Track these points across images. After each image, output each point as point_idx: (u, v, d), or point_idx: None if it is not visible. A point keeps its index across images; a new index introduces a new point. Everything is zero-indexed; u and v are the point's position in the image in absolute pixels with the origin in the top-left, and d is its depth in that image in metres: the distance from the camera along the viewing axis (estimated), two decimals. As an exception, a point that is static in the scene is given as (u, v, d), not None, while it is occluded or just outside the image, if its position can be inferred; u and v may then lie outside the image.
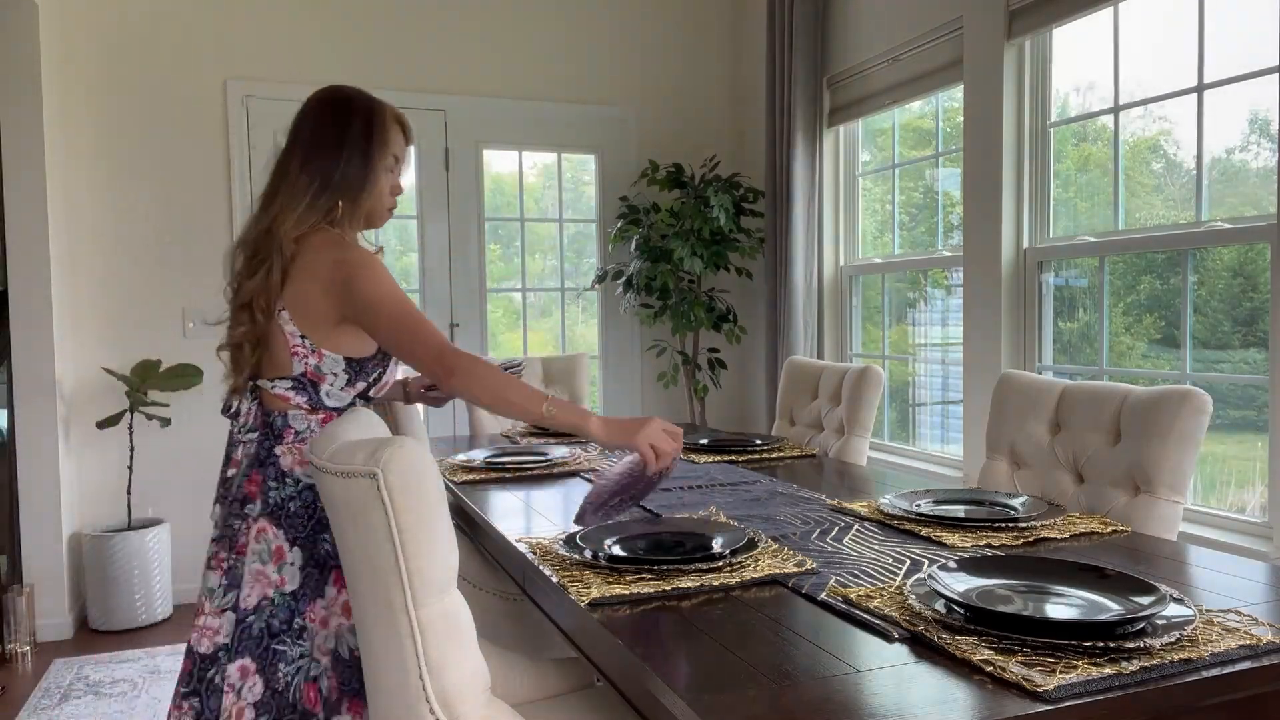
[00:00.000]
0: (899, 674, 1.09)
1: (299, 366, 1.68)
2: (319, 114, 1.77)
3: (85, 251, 4.01)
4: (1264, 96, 2.52)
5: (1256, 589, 1.39)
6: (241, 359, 1.71)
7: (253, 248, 1.69)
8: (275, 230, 1.67)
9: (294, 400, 1.70)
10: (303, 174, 1.70)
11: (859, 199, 4.35)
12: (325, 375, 1.69)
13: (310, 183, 1.70)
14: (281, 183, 1.72)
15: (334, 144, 1.73)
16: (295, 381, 1.69)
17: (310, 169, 1.71)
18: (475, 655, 1.34)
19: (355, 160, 1.74)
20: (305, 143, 1.73)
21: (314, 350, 1.68)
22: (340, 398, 1.73)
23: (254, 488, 1.69)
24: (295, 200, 1.69)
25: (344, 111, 1.77)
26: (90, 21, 3.99)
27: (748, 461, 2.64)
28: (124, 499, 4.01)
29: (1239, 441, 2.70)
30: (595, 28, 4.82)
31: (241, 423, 1.73)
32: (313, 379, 1.69)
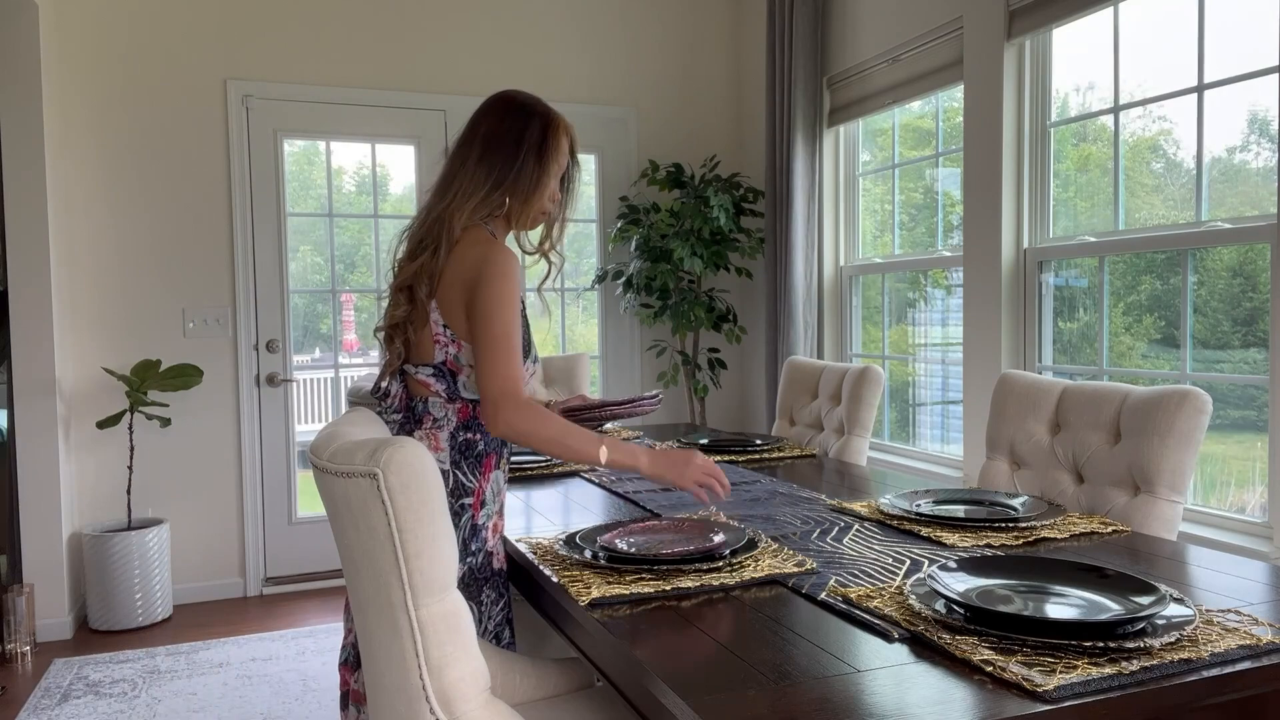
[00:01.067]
0: (899, 674, 1.09)
1: (440, 355, 1.73)
2: (500, 113, 1.83)
3: (85, 251, 4.01)
4: (1264, 96, 2.52)
5: (1256, 589, 1.39)
6: (395, 341, 1.75)
7: (422, 233, 1.76)
8: (446, 218, 1.73)
9: (434, 387, 1.75)
10: (479, 167, 1.77)
11: (859, 199, 4.35)
12: (463, 366, 1.74)
13: (486, 177, 1.77)
14: (458, 174, 1.77)
15: (513, 143, 1.80)
16: (436, 369, 1.74)
17: (486, 164, 1.77)
18: (475, 655, 1.34)
19: (530, 161, 1.81)
20: (484, 138, 1.79)
21: (454, 340, 1.73)
22: (474, 390, 1.75)
23: None
24: (471, 192, 1.75)
25: (523, 114, 1.84)
26: (90, 21, 3.99)
27: (748, 461, 2.64)
28: (124, 499, 4.01)
29: (1239, 441, 2.70)
30: (595, 28, 4.82)
31: (388, 404, 1.79)
32: (451, 369, 1.74)
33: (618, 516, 1.96)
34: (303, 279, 4.55)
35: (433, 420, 1.75)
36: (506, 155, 1.79)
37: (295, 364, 4.41)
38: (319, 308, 4.63)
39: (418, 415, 1.76)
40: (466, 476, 1.76)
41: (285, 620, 3.92)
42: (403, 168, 4.68)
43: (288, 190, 4.36)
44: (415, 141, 4.54)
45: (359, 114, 4.41)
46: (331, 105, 4.37)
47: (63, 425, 3.76)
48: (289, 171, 4.42)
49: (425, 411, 1.76)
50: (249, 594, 4.28)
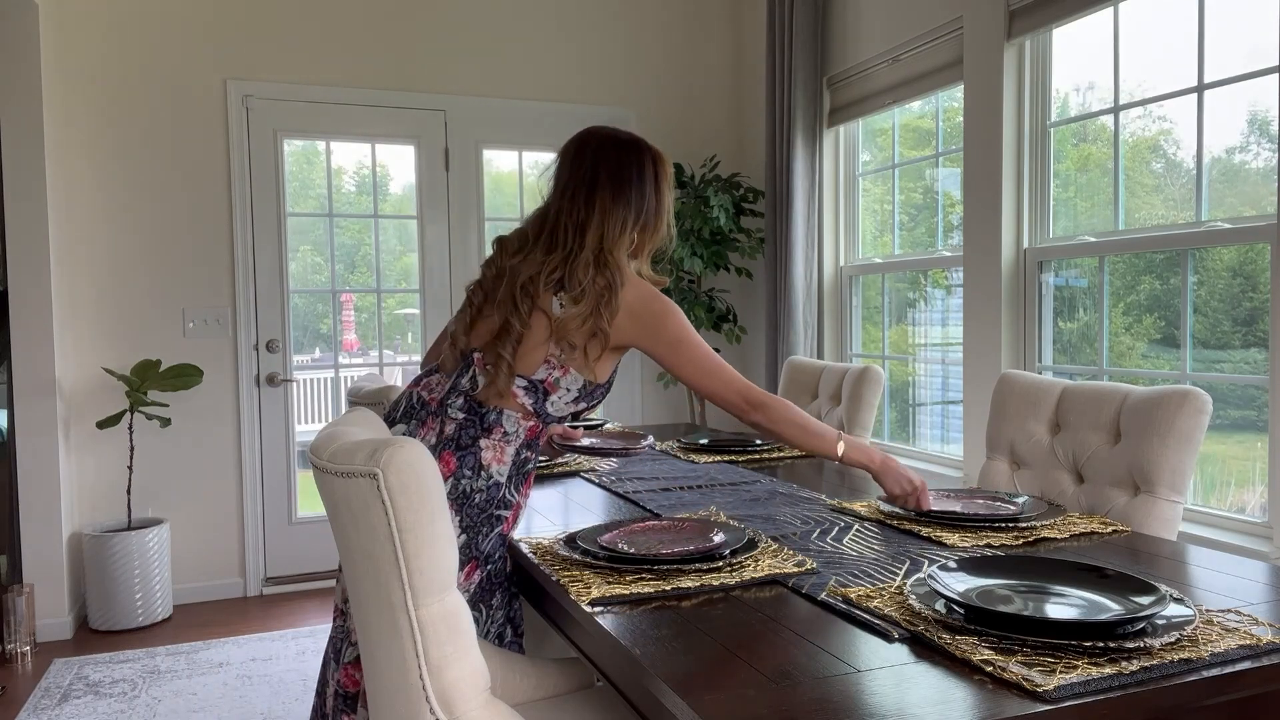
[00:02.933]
0: (899, 674, 1.09)
1: (543, 373, 1.79)
2: (614, 151, 1.90)
3: (85, 251, 4.01)
4: (1264, 96, 2.52)
5: (1256, 589, 1.39)
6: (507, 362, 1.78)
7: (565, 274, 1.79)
8: (607, 259, 1.80)
9: (520, 399, 1.79)
10: (617, 207, 1.84)
11: (859, 199, 4.35)
12: (560, 388, 1.80)
13: (626, 216, 1.85)
14: (592, 216, 1.83)
15: (638, 179, 1.89)
16: (530, 384, 1.79)
17: (623, 203, 1.85)
18: (475, 655, 1.34)
19: (652, 196, 1.91)
20: (612, 178, 1.86)
21: (561, 365, 1.79)
22: (560, 409, 1.84)
23: (446, 467, 1.74)
24: (619, 233, 1.84)
25: (636, 149, 1.92)
26: (90, 21, 3.99)
27: (748, 461, 2.64)
28: (124, 499, 4.01)
29: (1239, 441, 2.70)
30: (596, 28, 4.82)
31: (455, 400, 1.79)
32: (548, 388, 1.79)
33: (618, 516, 1.96)
34: (303, 279, 4.55)
35: (503, 433, 1.78)
36: (638, 193, 1.88)
37: (295, 364, 4.41)
38: (319, 308, 4.63)
39: (488, 424, 1.78)
40: (511, 492, 1.80)
41: (285, 620, 3.93)
42: (403, 168, 4.68)
43: (288, 190, 4.36)
44: (415, 141, 4.54)
45: (359, 114, 4.41)
46: (331, 105, 4.37)
47: (63, 425, 3.76)
48: (289, 171, 4.42)
49: (498, 423, 1.78)
50: (249, 594, 4.28)
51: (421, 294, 4.61)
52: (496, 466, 1.77)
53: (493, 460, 1.77)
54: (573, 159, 1.89)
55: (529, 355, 1.78)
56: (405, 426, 1.82)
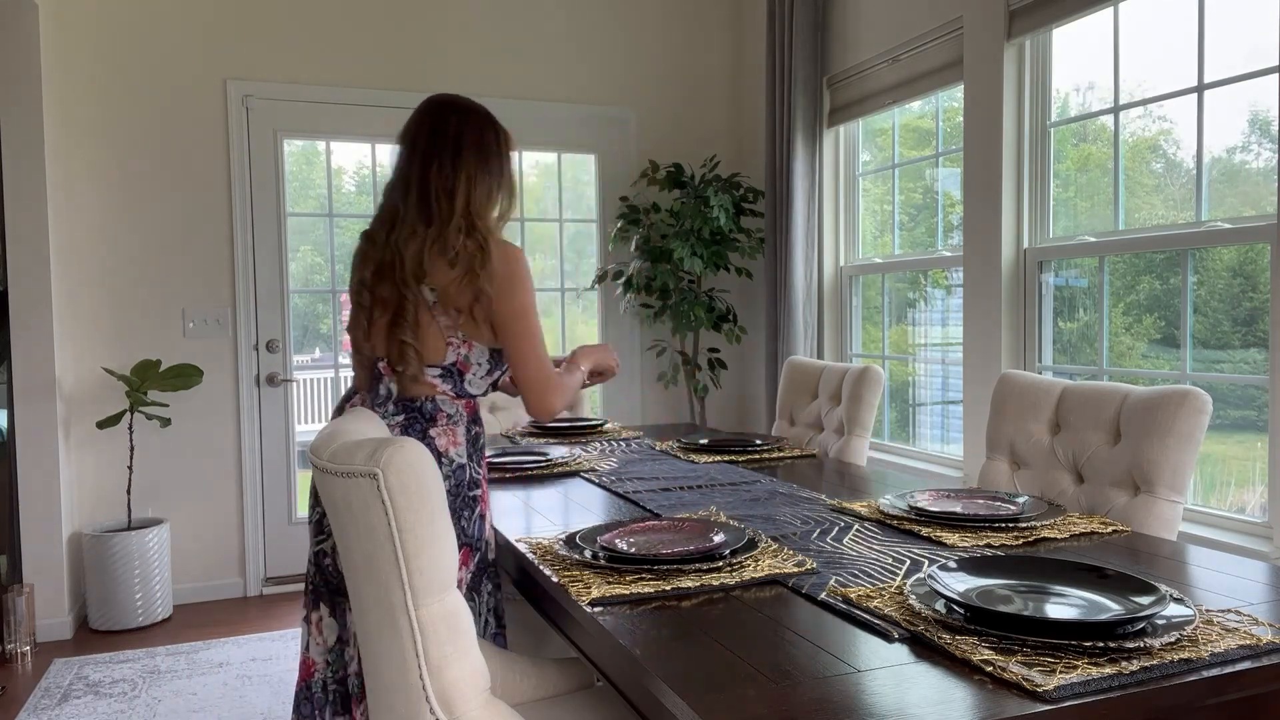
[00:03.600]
0: (899, 674, 1.09)
1: (452, 356, 1.82)
2: (476, 121, 1.91)
3: (85, 251, 4.01)
4: (1264, 96, 2.52)
5: (1256, 589, 1.39)
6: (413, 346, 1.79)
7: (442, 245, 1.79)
8: (481, 233, 1.82)
9: (440, 387, 1.83)
10: (482, 174, 1.86)
11: (859, 199, 4.35)
12: (471, 365, 1.84)
13: (491, 183, 1.88)
14: (459, 183, 1.83)
15: (495, 150, 1.91)
16: (444, 370, 1.82)
17: (485, 170, 1.87)
18: (475, 655, 1.34)
19: (506, 167, 1.95)
20: (474, 147, 1.87)
21: (465, 341, 1.82)
22: (479, 386, 1.88)
23: None
24: (487, 199, 1.86)
25: (491, 121, 1.94)
26: (90, 21, 3.99)
27: (748, 461, 2.64)
28: (124, 499, 4.01)
29: (1239, 441, 2.70)
30: (595, 28, 4.82)
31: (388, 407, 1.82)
32: (461, 368, 1.83)
33: (618, 516, 1.96)
34: (303, 279, 4.55)
35: (447, 417, 1.83)
36: (496, 159, 1.90)
37: (295, 364, 4.41)
38: (319, 308, 4.63)
39: (428, 414, 1.81)
40: (475, 469, 1.86)
41: (285, 620, 3.92)
42: (403, 168, 4.68)
43: (288, 190, 4.36)
44: (415, 141, 4.54)
45: (359, 114, 4.41)
46: (331, 105, 4.37)
47: (63, 425, 3.76)
48: (289, 171, 4.42)
49: (437, 410, 1.82)
50: (249, 594, 4.28)
51: (421, 294, 4.60)
52: (454, 450, 1.82)
53: (449, 445, 1.82)
54: (432, 128, 1.87)
55: (431, 344, 1.80)
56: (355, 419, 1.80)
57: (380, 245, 1.85)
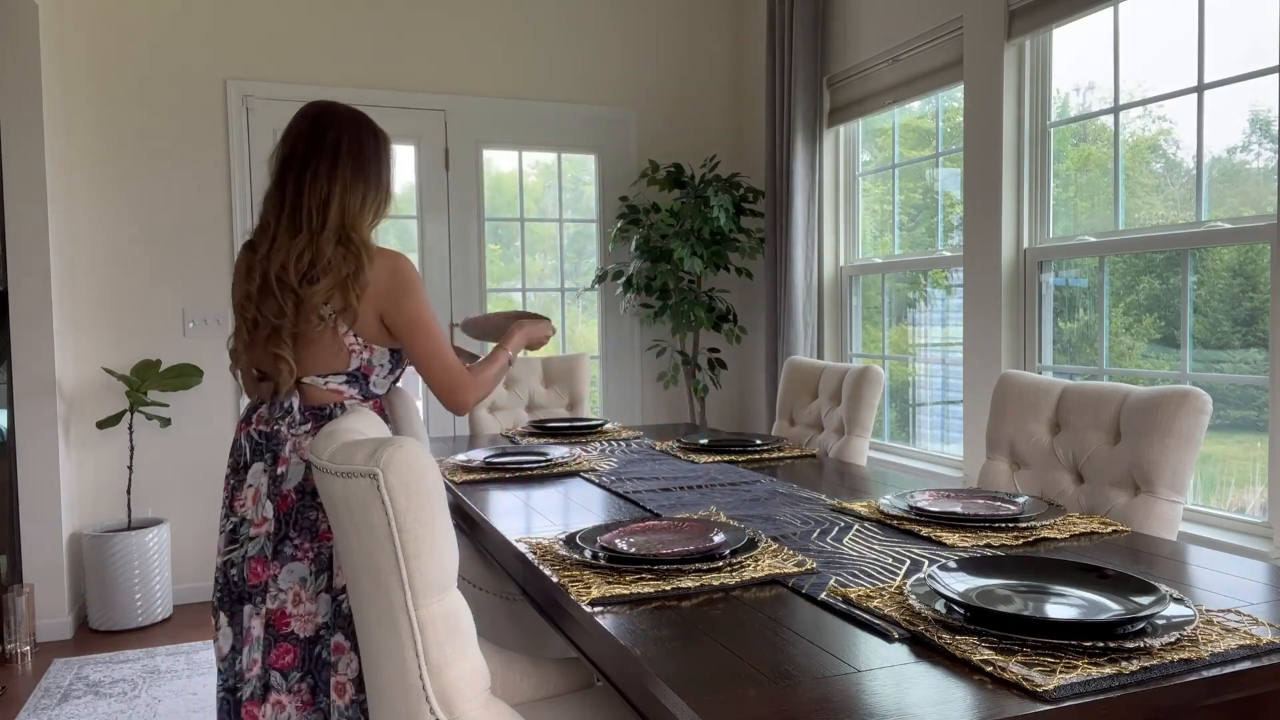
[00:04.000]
0: (899, 674, 1.09)
1: (355, 362, 1.84)
2: (350, 125, 1.89)
3: (85, 251, 4.01)
4: (1264, 96, 2.52)
5: (1256, 589, 1.39)
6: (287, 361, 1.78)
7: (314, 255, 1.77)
8: (353, 237, 1.80)
9: (347, 393, 1.86)
10: (357, 181, 1.84)
11: (859, 199, 4.35)
12: (374, 367, 1.88)
13: (367, 189, 1.86)
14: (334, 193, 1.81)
15: (373, 153, 1.90)
16: (350, 376, 1.85)
17: (362, 177, 1.85)
18: (475, 655, 1.34)
19: (385, 171, 1.93)
20: (349, 153, 1.85)
21: (366, 346, 1.85)
22: (384, 385, 1.93)
23: None
24: (361, 207, 1.84)
25: (364, 123, 1.92)
26: (90, 21, 3.99)
27: (748, 461, 2.64)
28: (124, 499, 4.01)
29: (1239, 441, 2.70)
30: (595, 28, 4.82)
31: (292, 419, 1.82)
32: (365, 372, 1.87)
33: (618, 516, 1.96)
34: (303, 279, 4.54)
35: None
36: (374, 165, 1.89)
37: (295, 364, 4.40)
38: (319, 308, 4.62)
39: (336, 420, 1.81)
40: None
41: (285, 620, 3.92)
42: (403, 167, 4.68)
43: (288, 190, 4.35)
44: (415, 141, 4.54)
45: (359, 114, 4.41)
46: (331, 105, 4.36)
47: (63, 425, 3.76)
48: (289, 171, 4.42)
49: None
50: (249, 594, 4.28)
51: (421, 294, 4.60)
52: None
53: None
54: (310, 135, 1.83)
55: (332, 353, 1.81)
56: (262, 464, 1.83)
57: (261, 258, 1.81)
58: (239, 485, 1.86)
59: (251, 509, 1.83)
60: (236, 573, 1.85)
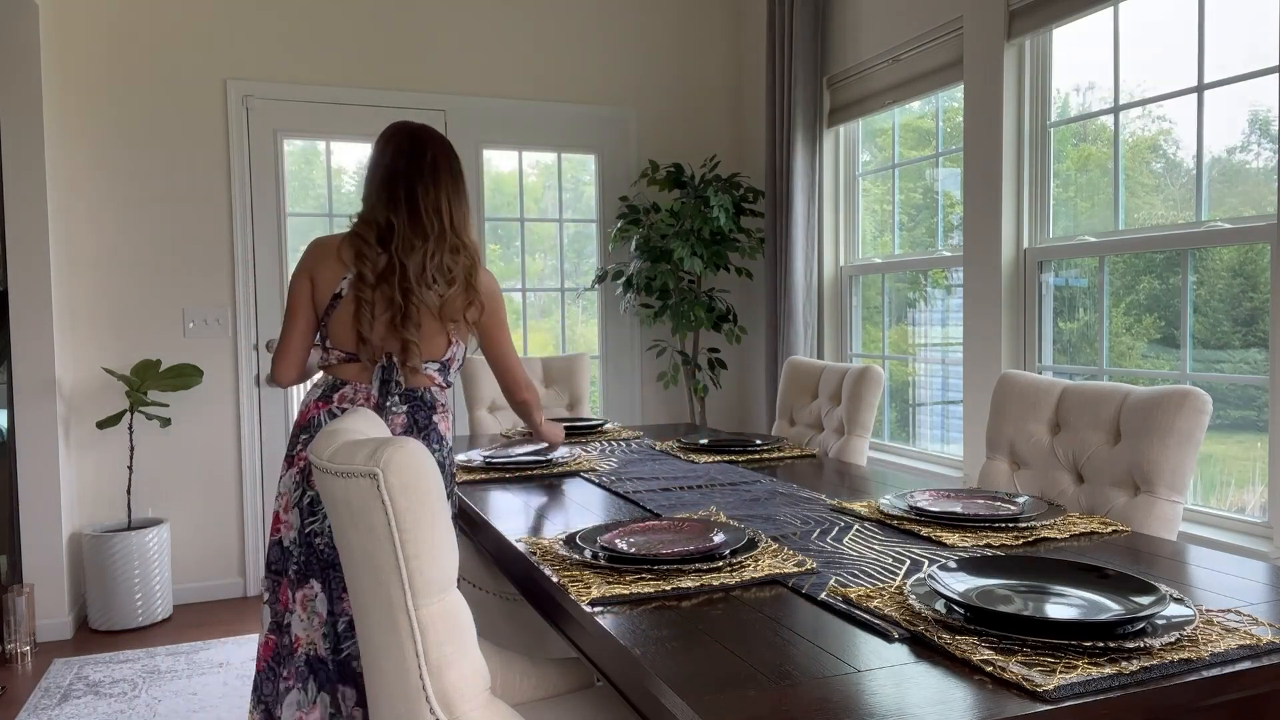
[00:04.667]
0: (899, 674, 1.09)
1: (449, 353, 2.08)
2: (447, 147, 2.12)
3: (85, 251, 4.01)
4: (1264, 96, 2.52)
5: (1256, 589, 1.39)
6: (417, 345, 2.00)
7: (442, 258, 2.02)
8: (473, 254, 2.08)
9: (436, 379, 2.08)
10: (459, 195, 2.09)
11: (859, 199, 4.35)
12: (456, 359, 2.12)
13: (465, 203, 2.10)
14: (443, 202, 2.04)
15: (461, 175, 2.13)
16: (441, 364, 2.08)
17: (459, 191, 2.10)
18: (475, 655, 1.34)
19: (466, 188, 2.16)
20: (451, 173, 2.09)
21: (456, 341, 2.09)
22: (455, 377, 2.17)
23: None
24: (464, 216, 2.09)
25: (453, 148, 2.15)
26: (90, 21, 3.99)
27: (748, 461, 2.64)
28: (124, 499, 4.01)
29: (1239, 441, 2.70)
30: (595, 28, 4.82)
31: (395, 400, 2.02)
32: (449, 363, 2.10)
33: (618, 516, 1.96)
34: (303, 279, 4.54)
35: (442, 406, 2.10)
36: (464, 186, 2.12)
37: (295, 364, 4.40)
38: (319, 308, 4.63)
39: (429, 403, 2.06)
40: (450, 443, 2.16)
41: (285, 620, 3.92)
42: (403, 168, 4.68)
43: (288, 190, 4.36)
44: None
45: (359, 114, 4.41)
46: (331, 105, 4.37)
47: (63, 425, 3.76)
48: (289, 171, 4.42)
49: (435, 399, 2.08)
50: (249, 594, 4.28)
51: (421, 294, 4.60)
52: (449, 435, 2.11)
53: (446, 430, 2.10)
54: (411, 152, 2.05)
55: (434, 341, 2.04)
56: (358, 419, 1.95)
57: (376, 252, 1.99)
58: None
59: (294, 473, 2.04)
60: (323, 541, 1.97)
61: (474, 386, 3.56)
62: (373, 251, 1.98)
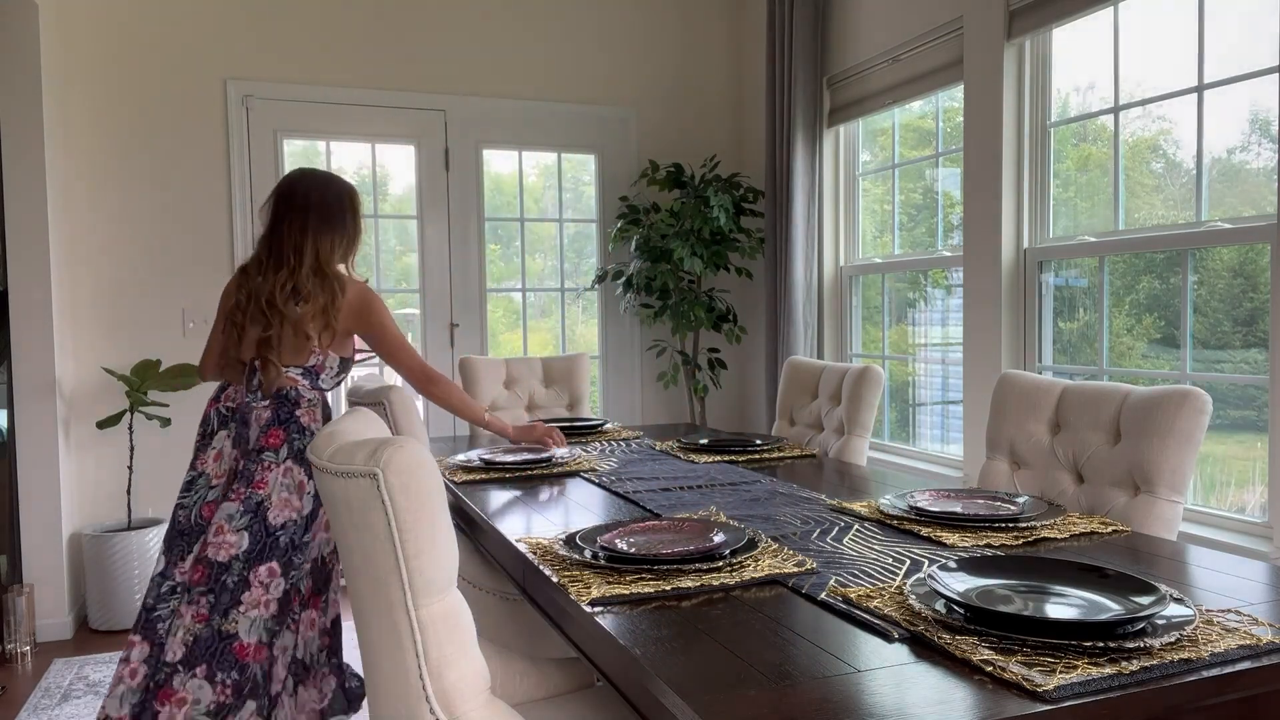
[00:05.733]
0: (899, 674, 1.09)
1: (313, 360, 2.41)
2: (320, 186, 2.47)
3: (85, 251, 4.01)
4: (1264, 96, 2.52)
5: (1256, 589, 1.39)
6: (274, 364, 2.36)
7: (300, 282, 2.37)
8: (325, 270, 2.40)
9: (300, 381, 2.41)
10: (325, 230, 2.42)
11: (859, 199, 4.35)
12: (325, 368, 2.44)
13: (334, 237, 2.44)
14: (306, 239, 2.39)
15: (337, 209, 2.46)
16: (305, 370, 2.41)
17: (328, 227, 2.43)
18: (475, 655, 1.34)
19: (351, 221, 2.50)
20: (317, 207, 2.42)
21: (323, 350, 2.42)
22: (329, 382, 2.48)
23: (275, 440, 2.33)
24: (330, 250, 2.42)
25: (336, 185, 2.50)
26: (90, 21, 3.99)
27: (748, 461, 2.64)
28: (124, 499, 4.01)
29: (1239, 441, 2.70)
30: (595, 28, 4.82)
31: (258, 395, 2.37)
32: (316, 369, 2.43)
33: (618, 516, 1.96)
34: (303, 279, 4.54)
35: (308, 401, 2.41)
36: (339, 218, 2.45)
37: (295, 364, 4.40)
38: (319, 308, 4.62)
39: (292, 399, 2.38)
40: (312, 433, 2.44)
41: (285, 620, 3.92)
42: (403, 168, 4.68)
43: (288, 190, 4.35)
44: (415, 141, 4.54)
45: (359, 114, 4.41)
46: (331, 105, 4.37)
47: (63, 425, 3.76)
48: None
49: (299, 396, 2.40)
50: (249, 594, 4.27)
51: (421, 294, 4.61)
52: (314, 425, 2.39)
53: (309, 421, 2.39)
54: (287, 196, 2.43)
55: (295, 350, 2.38)
56: (226, 432, 2.39)
57: (248, 281, 2.41)
58: (204, 448, 2.39)
59: (213, 465, 2.37)
60: (185, 514, 2.34)
61: (473, 388, 3.56)
62: (248, 280, 2.41)
